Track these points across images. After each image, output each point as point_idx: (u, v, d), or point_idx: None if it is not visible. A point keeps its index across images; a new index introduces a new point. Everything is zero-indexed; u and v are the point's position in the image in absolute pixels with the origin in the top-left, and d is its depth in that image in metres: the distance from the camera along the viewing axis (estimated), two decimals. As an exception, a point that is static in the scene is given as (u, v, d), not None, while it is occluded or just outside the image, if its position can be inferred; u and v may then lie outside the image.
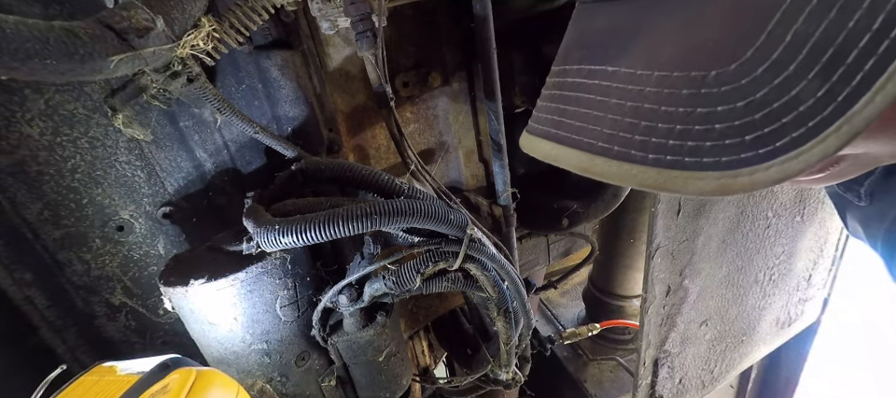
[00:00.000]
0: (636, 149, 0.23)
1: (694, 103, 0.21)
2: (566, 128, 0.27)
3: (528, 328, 0.91)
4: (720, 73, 0.21)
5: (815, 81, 0.18)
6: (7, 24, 0.41)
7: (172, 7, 0.53)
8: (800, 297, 1.48)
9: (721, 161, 0.20)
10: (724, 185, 0.20)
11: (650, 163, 0.22)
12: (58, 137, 0.67)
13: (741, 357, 1.47)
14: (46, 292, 0.74)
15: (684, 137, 0.21)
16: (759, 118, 0.20)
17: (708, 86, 0.21)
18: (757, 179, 0.19)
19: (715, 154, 0.20)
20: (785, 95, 0.19)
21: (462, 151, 1.11)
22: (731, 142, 0.20)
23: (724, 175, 0.20)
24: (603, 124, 0.25)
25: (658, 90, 0.23)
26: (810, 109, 0.18)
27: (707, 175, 0.20)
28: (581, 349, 1.87)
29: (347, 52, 0.86)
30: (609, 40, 0.27)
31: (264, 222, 0.59)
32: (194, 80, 0.62)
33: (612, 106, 0.25)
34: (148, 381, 0.48)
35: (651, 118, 0.23)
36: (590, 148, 0.25)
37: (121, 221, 0.76)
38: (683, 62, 0.23)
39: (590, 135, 0.25)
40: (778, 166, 0.19)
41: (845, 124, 0.17)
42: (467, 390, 1.21)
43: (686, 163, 0.21)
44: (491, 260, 0.74)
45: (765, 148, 0.19)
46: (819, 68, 0.18)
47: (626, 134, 0.24)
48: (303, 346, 0.77)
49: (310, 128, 0.84)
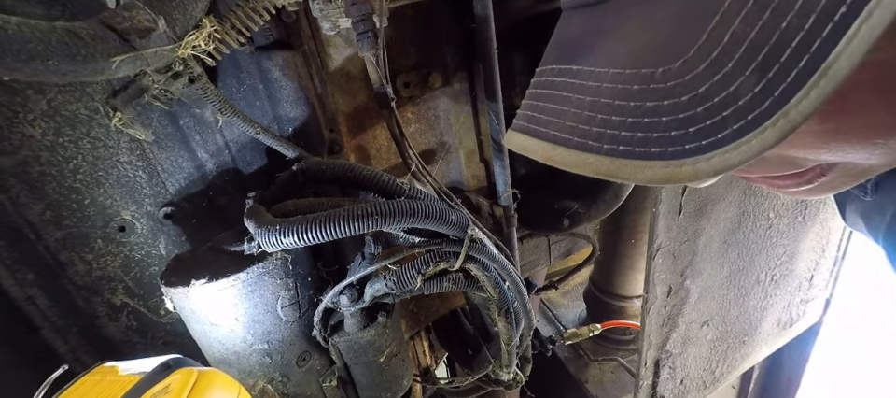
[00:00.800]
0: (592, 140, 0.25)
1: (644, 97, 0.23)
2: (535, 122, 0.29)
3: (529, 328, 0.91)
4: (666, 70, 0.23)
5: (751, 78, 0.20)
6: (10, 25, 0.41)
7: (173, 7, 0.53)
8: (802, 297, 1.47)
9: (668, 151, 0.22)
10: (670, 174, 0.21)
11: (604, 153, 0.24)
12: (60, 138, 0.68)
13: (743, 357, 1.47)
14: (48, 293, 0.74)
15: (634, 129, 0.23)
16: (701, 111, 0.21)
17: (656, 81, 0.23)
18: (700, 169, 0.21)
19: (662, 145, 0.22)
20: (724, 91, 0.20)
21: (463, 152, 1.11)
22: (676, 134, 0.22)
23: (670, 164, 0.21)
24: (565, 118, 0.27)
25: (613, 85, 0.25)
26: (748, 104, 0.20)
27: (655, 164, 0.22)
28: (583, 350, 1.87)
29: (348, 53, 0.86)
30: (578, 41, 0.30)
31: (265, 223, 0.59)
32: (195, 81, 0.62)
33: (574, 102, 0.27)
34: (150, 381, 0.48)
35: (606, 111, 0.25)
36: (553, 138, 0.27)
37: (123, 222, 0.77)
38: (635, 60, 0.24)
39: (554, 127, 0.27)
40: (719, 157, 0.20)
41: (781, 118, 0.19)
42: (468, 391, 1.21)
43: (636, 153, 0.23)
44: (492, 260, 0.74)
45: (707, 139, 0.21)
46: (756, 65, 0.20)
47: (585, 126, 0.26)
48: (304, 346, 0.77)
49: (311, 128, 0.84)
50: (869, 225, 0.46)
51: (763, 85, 0.19)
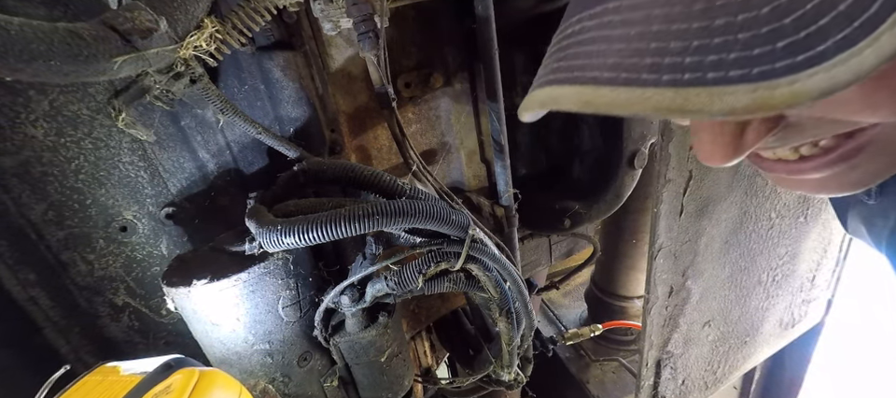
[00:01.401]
0: (646, 73, 0.20)
1: (710, 16, 0.19)
2: (564, 70, 0.24)
3: (530, 329, 0.91)
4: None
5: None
6: (12, 26, 0.41)
7: (175, 8, 0.53)
8: (803, 298, 1.47)
9: (752, 73, 0.17)
10: (760, 99, 0.17)
11: (664, 84, 0.19)
12: (62, 138, 0.68)
13: (744, 358, 1.47)
14: (50, 293, 0.74)
15: (703, 53, 0.19)
16: (789, 22, 0.17)
17: None
18: (798, 90, 0.16)
19: (743, 66, 0.18)
20: (810, 2, 0.17)
21: (464, 152, 1.11)
22: (761, 52, 0.17)
23: (758, 86, 0.17)
24: (607, 56, 0.22)
25: (666, 10, 0.20)
26: (852, 7, 0.16)
27: (737, 88, 0.18)
28: (584, 350, 1.87)
29: (349, 53, 0.86)
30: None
31: (266, 223, 0.59)
32: (197, 81, 0.62)
33: (616, 37, 0.22)
34: (151, 381, 0.48)
35: (662, 39, 0.20)
36: (595, 80, 0.22)
37: (125, 222, 0.77)
38: None
39: (592, 69, 0.23)
40: (824, 73, 0.16)
41: (884, 33, 0.15)
42: (469, 391, 1.21)
43: (708, 79, 0.18)
44: (493, 260, 0.74)
45: (804, 54, 0.16)
46: None
47: (634, 58, 0.21)
48: (305, 346, 0.77)
49: (312, 129, 0.84)
50: (871, 231, 0.45)
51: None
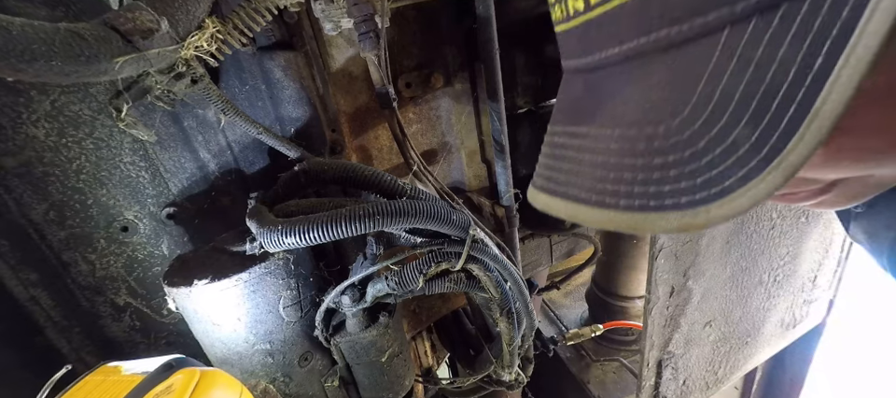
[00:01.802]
0: (609, 198, 0.27)
1: (650, 155, 0.25)
2: (555, 182, 0.32)
3: (531, 329, 0.91)
4: (667, 128, 0.25)
5: (746, 129, 0.21)
6: (14, 26, 0.41)
7: (176, 8, 0.53)
8: (805, 298, 1.47)
9: (680, 202, 0.23)
10: (686, 223, 0.23)
11: (621, 209, 0.26)
12: (63, 138, 0.68)
13: (745, 358, 1.46)
14: (51, 293, 0.74)
15: (646, 185, 0.25)
16: (704, 164, 0.23)
17: (659, 139, 0.25)
18: (713, 216, 0.22)
19: (674, 197, 0.23)
20: (723, 143, 0.22)
21: (464, 152, 1.11)
22: (686, 185, 0.23)
23: (685, 214, 0.23)
24: (582, 177, 0.29)
25: (620, 146, 0.27)
26: (748, 153, 0.21)
27: (670, 215, 0.24)
28: (585, 351, 1.87)
29: (350, 53, 0.86)
30: (582, 105, 0.32)
31: (267, 223, 0.59)
32: (198, 81, 0.62)
33: (587, 162, 0.29)
34: (153, 381, 0.48)
35: (618, 169, 0.27)
36: (575, 198, 0.29)
37: (126, 222, 0.77)
38: (637, 120, 0.27)
39: (573, 187, 0.30)
40: (729, 203, 0.21)
41: (783, 162, 0.20)
42: (469, 391, 1.20)
43: (651, 206, 0.24)
44: (494, 260, 0.74)
45: (715, 188, 0.22)
46: (748, 118, 0.21)
47: (600, 184, 0.28)
48: (306, 346, 0.77)
49: (313, 129, 0.84)
50: (872, 241, 0.45)
51: (758, 135, 0.21)
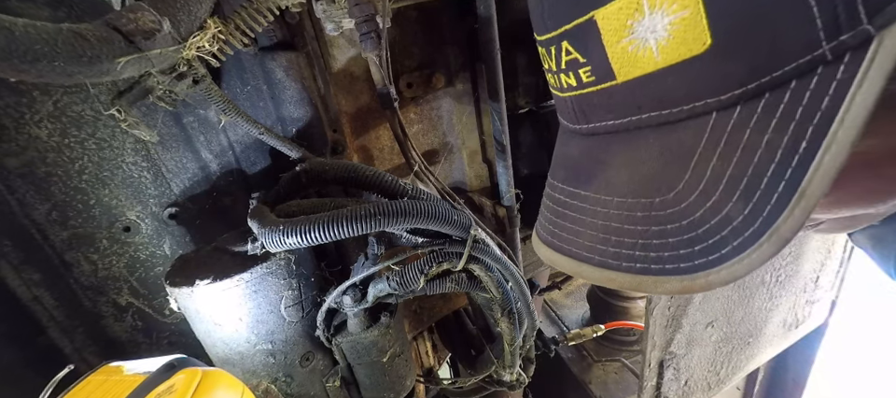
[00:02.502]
0: (610, 259, 0.28)
1: (648, 223, 0.27)
2: (559, 238, 0.33)
3: (532, 329, 0.91)
4: (663, 199, 0.27)
5: (739, 203, 0.23)
6: (17, 27, 0.41)
7: (178, 9, 0.53)
8: (807, 299, 1.46)
9: (680, 267, 0.25)
10: (686, 286, 0.25)
11: (624, 270, 0.27)
12: (66, 139, 0.68)
13: (747, 359, 1.46)
14: (54, 293, 0.75)
15: (646, 250, 0.27)
16: (701, 233, 0.24)
17: (656, 209, 0.27)
18: (711, 281, 0.24)
19: (674, 262, 0.25)
20: (717, 215, 0.24)
21: (466, 152, 1.11)
22: (685, 252, 0.25)
23: (685, 278, 0.25)
24: (584, 238, 0.31)
25: (619, 212, 0.29)
26: (742, 225, 0.23)
27: (671, 279, 0.25)
28: (586, 351, 1.86)
29: (351, 54, 0.86)
30: (580, 167, 0.34)
31: (269, 223, 0.59)
32: (200, 82, 0.62)
33: (588, 224, 0.31)
34: (155, 381, 0.48)
35: (618, 234, 0.28)
36: (577, 256, 0.31)
37: (128, 222, 0.77)
38: (634, 190, 0.28)
39: (576, 246, 0.31)
40: (727, 270, 0.23)
41: (774, 234, 0.22)
42: (471, 392, 1.20)
43: (652, 270, 0.26)
44: (495, 260, 0.74)
45: (713, 255, 0.24)
46: (740, 193, 0.23)
47: (602, 246, 0.29)
48: (308, 346, 0.77)
49: (314, 129, 0.84)
50: (880, 246, 0.45)
51: (750, 209, 0.23)
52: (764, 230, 0.22)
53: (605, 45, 0.27)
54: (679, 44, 0.24)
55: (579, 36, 0.28)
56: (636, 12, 0.25)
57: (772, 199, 0.22)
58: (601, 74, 0.28)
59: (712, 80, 0.24)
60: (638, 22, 0.25)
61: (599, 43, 0.27)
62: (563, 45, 0.30)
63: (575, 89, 0.31)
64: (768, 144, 0.23)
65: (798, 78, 0.22)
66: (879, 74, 0.19)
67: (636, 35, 0.25)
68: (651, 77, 0.26)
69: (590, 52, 0.28)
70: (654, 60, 0.25)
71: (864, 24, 0.19)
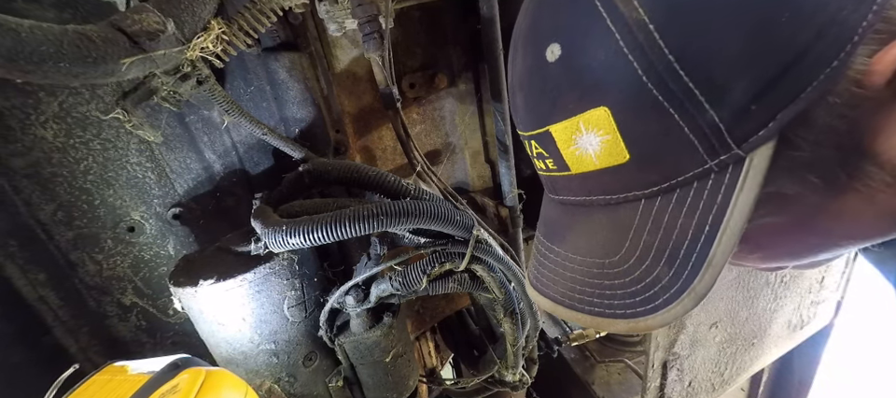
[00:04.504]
0: (577, 303, 0.37)
1: (602, 278, 0.35)
2: (541, 283, 0.41)
3: (535, 329, 0.91)
4: (611, 261, 0.35)
5: (665, 268, 0.32)
6: (23, 29, 0.42)
7: (182, 10, 0.53)
8: (812, 299, 1.45)
9: (627, 313, 0.33)
10: (632, 327, 0.33)
11: (587, 312, 0.36)
12: (71, 139, 0.69)
13: (752, 360, 1.45)
14: (59, 293, 0.75)
15: (602, 298, 0.35)
16: (639, 288, 0.33)
17: (607, 268, 0.35)
18: (649, 324, 0.32)
19: (622, 309, 0.33)
20: (650, 276, 0.32)
21: (468, 152, 1.11)
22: (629, 302, 0.33)
23: (630, 321, 0.32)
24: (559, 285, 0.39)
25: (582, 268, 0.37)
26: (668, 283, 0.31)
27: (620, 321, 0.33)
28: (589, 351, 1.86)
29: (354, 54, 0.87)
30: (555, 228, 0.42)
31: (272, 223, 0.59)
32: (203, 82, 0.63)
33: (561, 275, 0.39)
34: (159, 381, 0.48)
35: (581, 285, 0.37)
36: (555, 299, 0.39)
37: (132, 222, 0.77)
38: (591, 252, 0.37)
39: (553, 291, 0.40)
40: (660, 316, 0.31)
41: (692, 292, 0.30)
42: (473, 392, 1.20)
43: (607, 313, 0.34)
44: (497, 261, 0.74)
45: (650, 305, 0.32)
46: (665, 260, 0.32)
47: (570, 293, 0.37)
48: (311, 346, 0.77)
49: (317, 129, 0.84)
50: (882, 267, 0.49)
51: (673, 273, 0.31)
52: (685, 289, 0.30)
53: (559, 148, 0.36)
54: (609, 155, 0.33)
55: (542, 140, 0.37)
56: (576, 131, 0.34)
57: (688, 266, 0.30)
58: (560, 166, 0.37)
59: (637, 180, 0.33)
60: (579, 137, 0.34)
61: (556, 146, 0.36)
62: (532, 143, 0.39)
63: (545, 171, 0.40)
64: (682, 226, 0.31)
65: (698, 180, 0.31)
66: (755, 181, 0.28)
67: (579, 146, 0.34)
68: (594, 173, 0.35)
69: (550, 151, 0.37)
70: (594, 163, 0.34)
71: (735, 149, 0.28)
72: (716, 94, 0.28)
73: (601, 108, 0.31)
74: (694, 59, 0.28)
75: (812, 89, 0.27)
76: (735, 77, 0.27)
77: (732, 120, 0.28)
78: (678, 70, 0.28)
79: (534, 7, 0.37)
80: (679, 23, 0.28)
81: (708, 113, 0.28)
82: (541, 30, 0.35)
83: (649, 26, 0.28)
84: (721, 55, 0.27)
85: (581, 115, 0.33)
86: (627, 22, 0.29)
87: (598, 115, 0.32)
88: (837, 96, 0.27)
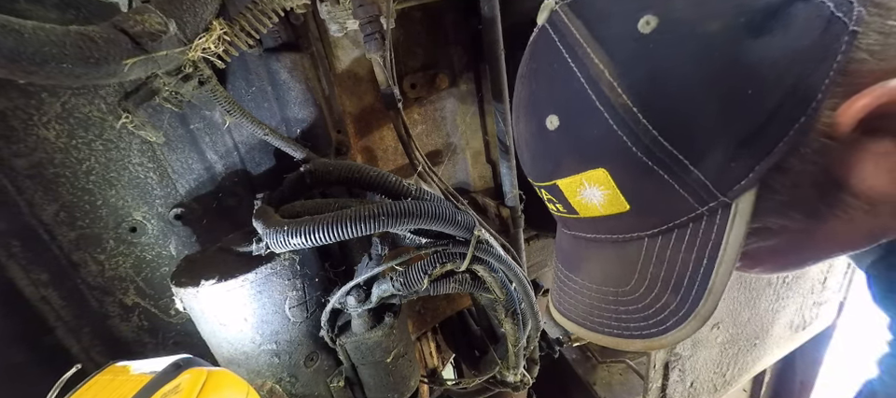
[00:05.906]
0: (597, 326, 0.42)
1: (617, 305, 0.40)
2: (564, 306, 0.47)
3: (536, 330, 0.91)
4: (623, 290, 0.40)
5: (671, 296, 0.37)
6: (26, 30, 0.42)
7: (184, 10, 0.54)
8: (815, 300, 1.45)
9: (642, 333, 0.38)
10: (646, 345, 0.38)
11: (606, 334, 0.41)
12: (73, 140, 0.69)
13: (754, 360, 1.45)
14: (61, 293, 0.75)
15: (618, 321, 0.40)
16: (651, 313, 0.38)
17: (621, 296, 0.40)
18: (662, 343, 0.37)
19: (638, 331, 0.38)
20: (659, 303, 0.37)
21: (469, 153, 1.11)
22: (643, 325, 0.38)
23: (644, 341, 0.38)
24: (579, 309, 0.44)
25: (598, 295, 0.42)
26: (675, 309, 0.36)
27: (636, 341, 0.38)
28: (591, 352, 1.86)
29: (355, 54, 0.87)
30: (571, 258, 0.48)
31: (273, 223, 0.59)
32: (205, 83, 0.63)
33: (580, 300, 0.44)
34: (161, 381, 0.48)
35: (599, 310, 0.42)
36: (577, 321, 0.44)
37: (134, 223, 0.78)
38: (605, 281, 0.42)
39: (574, 314, 0.45)
40: (670, 336, 0.36)
41: (696, 316, 0.35)
42: (475, 392, 1.20)
43: (624, 335, 0.39)
44: (499, 261, 0.74)
45: (660, 328, 0.37)
46: (671, 289, 0.37)
47: (590, 316, 0.43)
48: (312, 346, 0.77)
49: (318, 130, 0.84)
50: (859, 266, 0.56)
51: (679, 299, 0.36)
52: (690, 313, 0.35)
53: (567, 197, 0.41)
54: (611, 205, 0.38)
55: (551, 190, 0.42)
56: (580, 186, 0.39)
57: (692, 294, 0.35)
58: (569, 210, 0.42)
59: (638, 224, 0.38)
60: (583, 191, 0.39)
61: (563, 196, 0.41)
62: (542, 191, 0.44)
63: (557, 213, 0.45)
64: (683, 260, 0.36)
65: (693, 222, 0.35)
66: (743, 220, 0.33)
67: (584, 196, 0.39)
68: (601, 218, 0.40)
69: (559, 199, 0.42)
70: (599, 210, 0.39)
71: (721, 198, 0.33)
72: (698, 157, 0.32)
73: (600, 169, 0.36)
74: (676, 130, 0.32)
75: (783, 144, 0.30)
76: (714, 141, 0.31)
77: (715, 176, 0.33)
78: (662, 141, 0.32)
79: (530, 77, 0.42)
80: (659, 104, 0.32)
81: (694, 172, 0.33)
82: (540, 101, 0.40)
83: (632, 108, 0.32)
84: (699, 125, 0.31)
85: (582, 173, 0.37)
86: (613, 106, 0.33)
87: (598, 174, 0.36)
88: (808, 146, 0.31)
